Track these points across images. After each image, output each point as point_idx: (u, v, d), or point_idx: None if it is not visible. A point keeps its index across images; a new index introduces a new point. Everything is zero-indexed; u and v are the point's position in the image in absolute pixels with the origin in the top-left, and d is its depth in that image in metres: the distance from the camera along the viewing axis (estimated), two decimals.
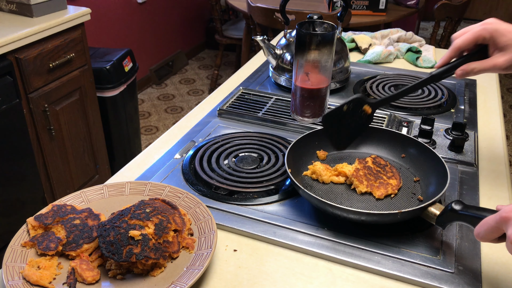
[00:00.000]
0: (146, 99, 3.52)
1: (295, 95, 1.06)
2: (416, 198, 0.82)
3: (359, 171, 0.85)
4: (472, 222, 0.65)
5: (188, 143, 1.03)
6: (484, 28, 0.77)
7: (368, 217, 0.73)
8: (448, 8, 2.52)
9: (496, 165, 0.97)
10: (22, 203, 1.83)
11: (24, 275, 0.65)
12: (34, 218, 0.74)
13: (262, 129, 1.09)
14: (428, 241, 0.75)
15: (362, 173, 0.85)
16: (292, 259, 0.73)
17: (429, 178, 0.84)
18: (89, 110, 2.09)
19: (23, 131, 1.76)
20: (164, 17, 3.74)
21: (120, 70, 2.18)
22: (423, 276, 0.68)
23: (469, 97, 1.25)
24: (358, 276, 0.70)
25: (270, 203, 0.83)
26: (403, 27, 1.85)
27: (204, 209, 0.78)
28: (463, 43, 0.79)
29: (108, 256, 0.66)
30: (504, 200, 0.87)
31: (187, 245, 0.72)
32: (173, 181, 0.90)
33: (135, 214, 0.71)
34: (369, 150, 0.95)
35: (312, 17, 1.12)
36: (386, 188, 0.82)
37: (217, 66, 3.58)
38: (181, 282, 0.65)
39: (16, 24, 1.75)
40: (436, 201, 0.72)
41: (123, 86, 2.22)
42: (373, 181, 0.84)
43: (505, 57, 0.76)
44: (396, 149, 0.93)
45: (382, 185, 0.83)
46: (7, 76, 1.64)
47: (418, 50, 1.54)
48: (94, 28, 2.92)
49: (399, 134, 0.94)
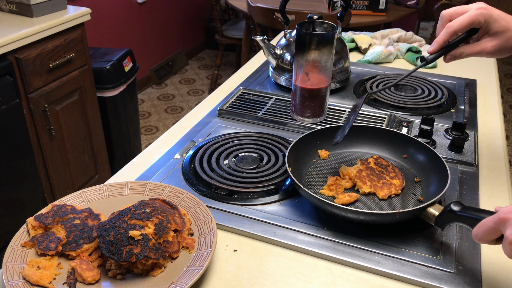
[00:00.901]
0: (146, 99, 3.52)
1: (295, 95, 1.06)
2: (417, 198, 0.82)
3: (362, 172, 0.85)
4: (471, 224, 0.65)
5: (188, 143, 1.03)
6: (480, 13, 0.78)
7: (366, 217, 0.73)
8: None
9: (496, 165, 0.97)
10: (22, 203, 1.83)
11: (24, 275, 0.65)
12: (34, 218, 0.74)
13: (262, 129, 1.09)
14: (428, 241, 0.75)
15: (365, 174, 0.85)
16: (292, 259, 0.73)
17: (430, 179, 0.84)
18: (89, 110, 2.09)
19: (23, 131, 1.76)
20: (164, 17, 3.74)
21: (120, 70, 2.18)
22: (423, 276, 0.68)
23: (469, 97, 1.25)
24: (358, 276, 0.70)
25: (270, 203, 0.83)
26: (403, 27, 1.85)
27: (204, 209, 0.78)
28: (459, 26, 0.79)
29: (108, 256, 0.66)
30: (504, 200, 0.87)
31: (187, 245, 0.72)
32: (173, 181, 0.90)
33: (135, 214, 0.71)
34: (371, 150, 0.95)
35: (312, 17, 1.12)
36: (390, 189, 0.83)
37: (217, 66, 3.58)
38: (181, 282, 0.65)
39: (16, 24, 1.75)
40: (435, 202, 0.72)
41: (123, 86, 2.22)
42: (376, 182, 0.84)
43: (494, 42, 0.80)
44: (397, 150, 0.93)
45: (385, 185, 0.83)
46: (7, 76, 1.64)
47: (418, 50, 1.54)
48: (94, 28, 2.92)
49: (401, 135, 0.93)
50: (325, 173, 0.90)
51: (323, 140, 0.94)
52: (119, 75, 2.18)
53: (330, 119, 1.10)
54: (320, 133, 0.94)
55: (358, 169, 0.86)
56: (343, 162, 0.93)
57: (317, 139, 0.94)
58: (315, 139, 0.94)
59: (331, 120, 1.10)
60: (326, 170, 0.90)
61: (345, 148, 0.96)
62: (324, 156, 0.94)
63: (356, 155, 0.94)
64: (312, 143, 0.94)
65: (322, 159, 0.94)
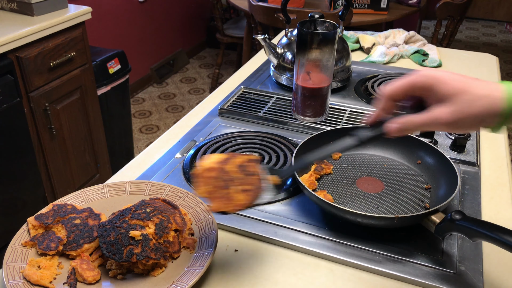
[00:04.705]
0: (147, 98, 3.52)
1: (296, 94, 1.06)
2: (423, 205, 0.81)
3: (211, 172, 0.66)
4: (470, 234, 0.64)
5: (189, 142, 1.03)
6: (421, 74, 0.61)
7: (364, 219, 0.72)
8: (450, 7, 2.51)
9: (498, 164, 0.97)
10: (23, 202, 1.83)
11: (25, 275, 0.65)
12: (34, 218, 0.73)
13: (263, 128, 1.09)
14: (429, 241, 0.75)
15: (214, 175, 0.66)
16: (293, 259, 0.73)
17: (440, 187, 0.83)
18: (90, 109, 2.09)
19: (23, 130, 1.76)
20: (165, 16, 3.74)
21: (102, 71, 2.16)
22: (424, 277, 0.68)
23: None
24: (360, 276, 0.70)
25: (271, 203, 0.83)
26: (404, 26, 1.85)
27: (205, 208, 0.78)
28: (395, 90, 0.63)
29: (109, 256, 0.66)
30: (506, 200, 0.87)
31: (188, 245, 0.72)
32: (173, 180, 0.90)
33: (135, 214, 0.71)
34: (385, 153, 0.94)
35: (314, 16, 1.12)
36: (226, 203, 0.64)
37: (218, 65, 3.58)
38: (181, 282, 0.65)
39: (17, 23, 1.75)
40: (438, 210, 0.71)
41: (106, 88, 2.21)
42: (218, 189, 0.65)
43: (449, 108, 0.58)
44: (412, 155, 0.91)
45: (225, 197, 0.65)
46: (7, 75, 1.64)
47: (425, 53, 1.53)
48: (95, 27, 2.92)
49: (418, 140, 0.91)
50: (332, 174, 0.89)
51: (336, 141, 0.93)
52: (101, 76, 2.16)
53: (331, 119, 1.10)
54: (332, 133, 0.93)
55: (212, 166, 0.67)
56: (354, 164, 0.92)
57: (330, 140, 0.93)
58: (328, 139, 0.93)
59: (332, 119, 1.10)
60: (334, 171, 0.90)
61: (357, 150, 0.95)
62: (336, 157, 0.93)
63: (369, 158, 0.93)
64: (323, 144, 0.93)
65: (334, 159, 0.93)
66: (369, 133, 0.66)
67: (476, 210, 0.83)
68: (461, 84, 0.58)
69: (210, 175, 0.66)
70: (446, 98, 0.59)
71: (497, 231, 0.62)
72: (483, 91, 0.57)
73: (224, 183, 0.65)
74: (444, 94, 0.59)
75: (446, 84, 0.59)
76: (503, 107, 0.56)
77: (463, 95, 0.58)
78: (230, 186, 0.65)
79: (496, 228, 0.62)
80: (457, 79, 0.59)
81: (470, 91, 0.57)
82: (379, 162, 0.92)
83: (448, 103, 0.59)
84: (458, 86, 0.58)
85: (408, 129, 0.63)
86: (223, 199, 0.64)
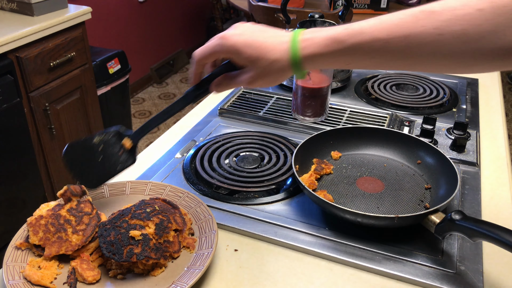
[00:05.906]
0: (147, 98, 3.52)
1: (296, 95, 1.06)
2: (423, 205, 0.81)
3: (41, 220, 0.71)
4: (470, 234, 0.64)
5: (189, 142, 1.03)
6: (219, 44, 0.67)
7: (364, 219, 0.72)
8: None
9: (498, 164, 0.97)
10: (23, 202, 1.83)
11: (25, 275, 0.65)
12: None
13: (263, 128, 1.09)
14: (429, 241, 0.75)
15: (44, 222, 0.71)
16: (293, 259, 0.73)
17: (440, 187, 0.83)
18: (90, 109, 2.09)
19: (24, 130, 1.76)
20: (165, 16, 3.74)
21: (102, 71, 2.16)
22: (424, 277, 0.68)
23: (471, 96, 1.25)
24: (360, 276, 0.70)
25: (271, 202, 0.83)
26: None
27: (205, 208, 0.78)
28: (201, 56, 0.69)
29: (109, 256, 0.66)
30: (506, 200, 0.87)
31: (188, 245, 0.72)
32: (173, 180, 0.90)
33: (135, 213, 0.71)
34: (384, 153, 0.94)
35: (314, 16, 1.12)
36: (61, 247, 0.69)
37: None
38: (181, 282, 0.65)
39: (17, 23, 1.75)
40: (438, 210, 0.71)
41: (106, 88, 2.21)
42: (51, 234, 0.70)
43: (249, 74, 0.67)
44: (412, 155, 0.91)
45: (59, 241, 0.69)
46: (7, 75, 1.64)
47: None
48: (95, 27, 2.92)
49: (418, 140, 0.91)
50: (332, 174, 0.89)
51: (336, 140, 0.94)
52: (101, 76, 2.16)
53: (331, 119, 1.10)
54: (334, 133, 0.93)
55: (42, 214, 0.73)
56: (354, 164, 0.92)
57: (331, 139, 0.94)
58: (329, 139, 0.93)
59: (332, 119, 1.10)
60: (334, 171, 0.90)
61: (357, 150, 0.95)
62: (336, 157, 0.93)
63: (369, 158, 0.93)
64: (325, 143, 0.93)
65: (334, 159, 0.93)
66: (196, 92, 0.73)
67: (476, 210, 0.83)
68: (256, 51, 0.65)
69: (41, 223, 0.71)
70: (246, 65, 0.67)
71: (497, 231, 0.62)
72: (275, 55, 0.64)
73: (56, 228, 0.71)
74: (243, 62, 0.67)
75: (244, 53, 0.65)
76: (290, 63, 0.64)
77: (258, 62, 0.65)
78: (63, 230, 0.71)
79: (496, 228, 0.62)
80: (253, 46, 0.65)
81: (263, 57, 0.65)
82: (379, 162, 0.92)
83: (248, 68, 0.67)
84: (253, 54, 0.65)
85: (224, 88, 0.72)
86: (56, 243, 0.69)
